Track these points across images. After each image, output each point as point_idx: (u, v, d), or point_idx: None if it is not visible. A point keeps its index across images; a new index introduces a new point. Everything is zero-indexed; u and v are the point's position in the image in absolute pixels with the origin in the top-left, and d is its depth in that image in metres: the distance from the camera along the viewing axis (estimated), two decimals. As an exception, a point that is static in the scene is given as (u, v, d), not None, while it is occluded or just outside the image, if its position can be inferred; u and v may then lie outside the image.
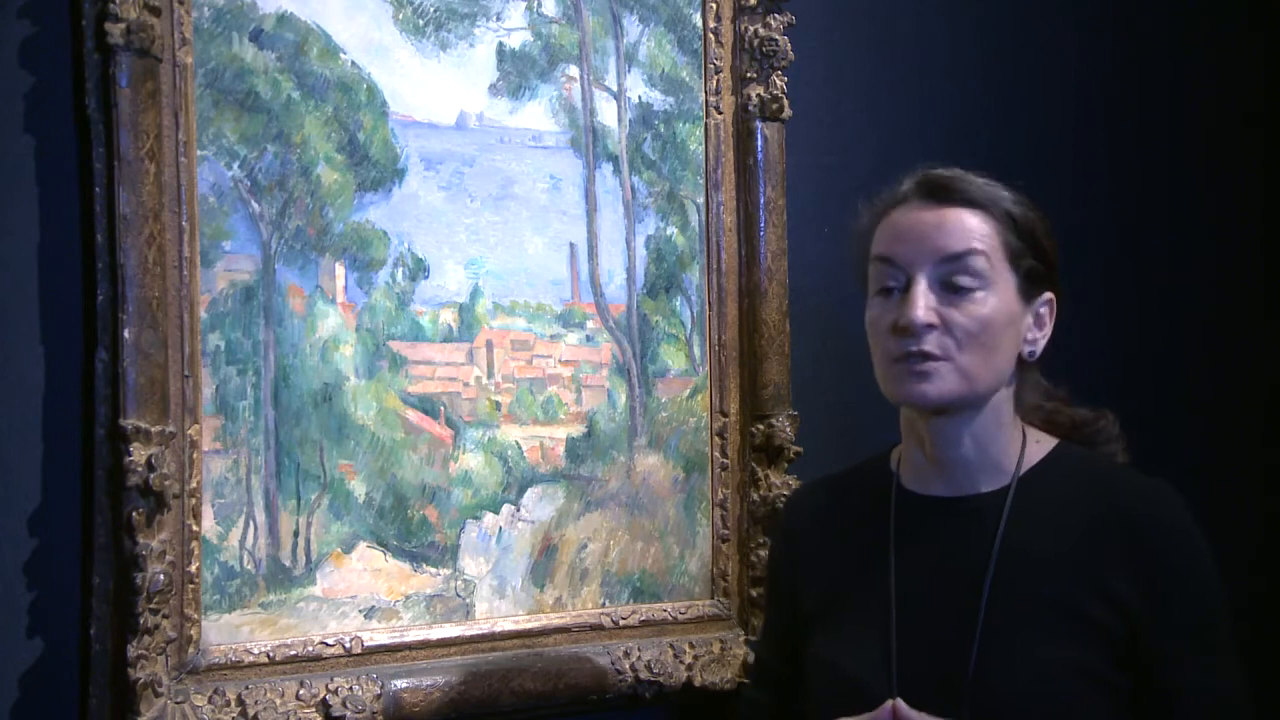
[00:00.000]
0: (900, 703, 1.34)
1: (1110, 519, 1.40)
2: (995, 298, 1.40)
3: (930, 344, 1.39)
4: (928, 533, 1.47)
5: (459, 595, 1.76)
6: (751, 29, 1.93)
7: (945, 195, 1.43)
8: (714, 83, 1.93)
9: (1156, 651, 1.36)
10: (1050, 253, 1.46)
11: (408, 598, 1.73)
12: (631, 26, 1.89)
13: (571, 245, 1.85)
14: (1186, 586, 1.38)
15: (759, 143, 1.92)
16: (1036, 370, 1.53)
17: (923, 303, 1.39)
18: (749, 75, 1.93)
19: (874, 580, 1.47)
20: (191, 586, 1.59)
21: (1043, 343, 1.47)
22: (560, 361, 1.83)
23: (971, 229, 1.41)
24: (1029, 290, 1.44)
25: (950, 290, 1.40)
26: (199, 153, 1.61)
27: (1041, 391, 1.55)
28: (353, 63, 1.71)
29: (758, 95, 1.92)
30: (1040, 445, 1.49)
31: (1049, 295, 1.47)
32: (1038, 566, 1.40)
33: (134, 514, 1.52)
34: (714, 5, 1.93)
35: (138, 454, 1.51)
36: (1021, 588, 1.40)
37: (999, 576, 1.41)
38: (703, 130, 1.93)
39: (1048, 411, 1.55)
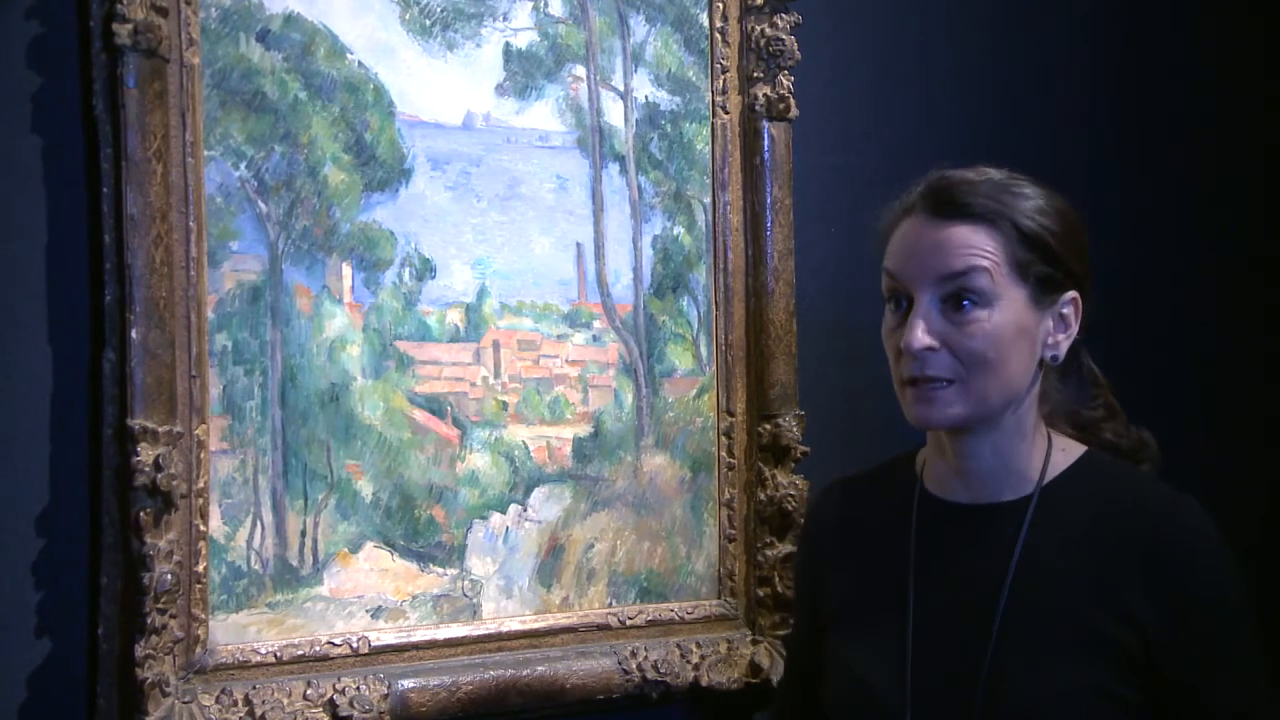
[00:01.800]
0: None
1: (1132, 536, 1.36)
2: (1001, 314, 1.36)
3: (935, 367, 1.37)
4: (948, 540, 1.46)
5: (466, 595, 1.76)
6: (758, 29, 1.93)
7: (949, 210, 1.39)
8: (720, 82, 1.93)
9: (1183, 674, 1.33)
10: (1069, 256, 1.41)
11: (415, 598, 1.73)
12: (638, 26, 1.89)
13: (578, 245, 1.85)
14: (1212, 608, 1.34)
15: (766, 142, 1.92)
16: (1062, 372, 1.50)
17: (922, 327, 1.36)
18: (756, 75, 1.93)
19: (893, 586, 1.46)
20: (199, 586, 1.59)
21: (1066, 344, 1.43)
22: (567, 361, 1.83)
23: (974, 246, 1.37)
24: (1044, 297, 1.40)
25: (954, 309, 1.37)
26: (206, 153, 1.62)
27: (1073, 394, 1.52)
28: (359, 63, 1.71)
29: (764, 95, 1.92)
30: (1066, 453, 1.46)
31: (1072, 295, 1.42)
32: (1055, 581, 1.37)
33: (141, 514, 1.52)
34: (720, 5, 1.93)
35: (145, 454, 1.52)
36: (1038, 603, 1.37)
37: (1015, 590, 1.38)
38: (709, 130, 1.93)
39: (1083, 421, 1.52)
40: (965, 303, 1.36)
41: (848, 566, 1.54)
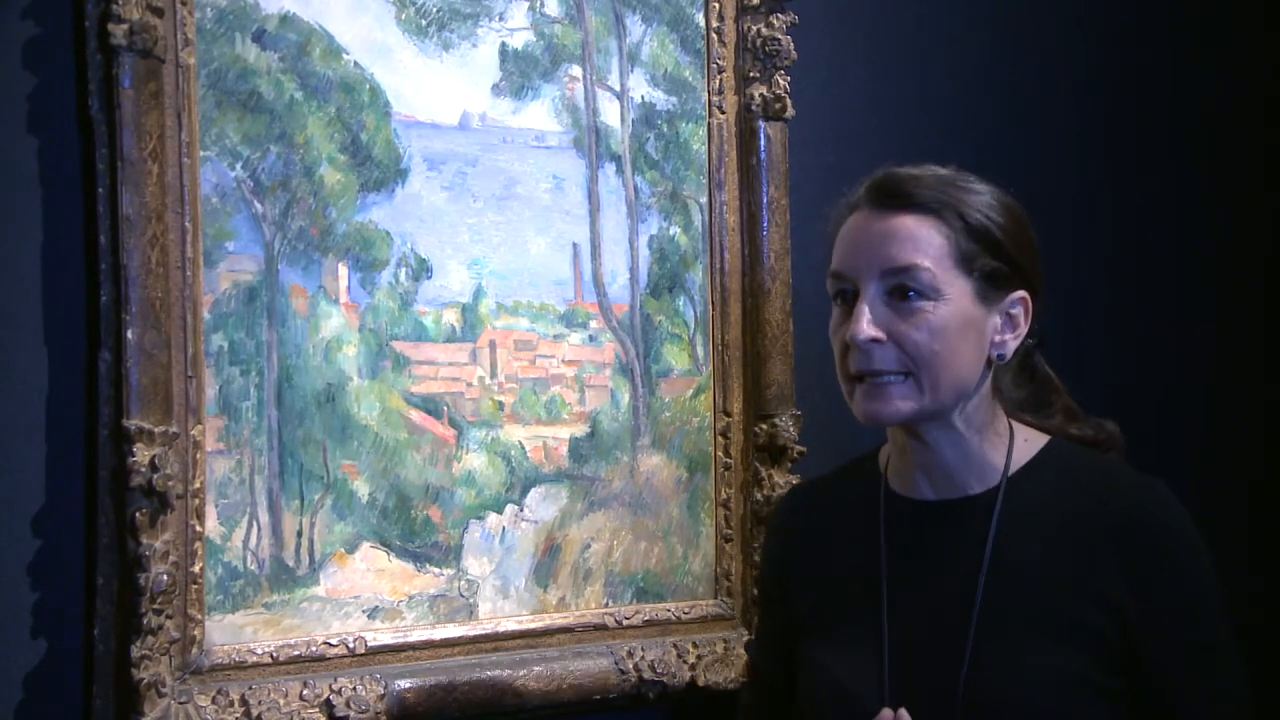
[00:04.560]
0: (904, 713, 1.33)
1: (1105, 521, 1.36)
2: (946, 306, 1.35)
3: (880, 361, 1.36)
4: (918, 538, 1.45)
5: (462, 595, 1.76)
6: (754, 28, 1.93)
7: (893, 202, 1.38)
8: (717, 82, 1.93)
9: (1155, 654, 1.34)
10: (1017, 252, 1.39)
11: (411, 598, 1.73)
12: (634, 26, 1.89)
13: (574, 245, 1.85)
14: (1184, 588, 1.35)
15: (762, 142, 1.92)
16: (1017, 374, 1.49)
17: (866, 318, 1.35)
18: (752, 75, 1.93)
19: (866, 587, 1.45)
20: (195, 587, 1.59)
21: (1014, 344, 1.41)
22: (563, 361, 1.83)
23: (917, 237, 1.36)
24: (990, 292, 1.38)
25: (899, 300, 1.36)
26: (202, 153, 1.61)
27: (1029, 398, 1.51)
28: (355, 63, 1.71)
29: (760, 95, 1.92)
30: (1030, 444, 1.46)
31: (1020, 294, 1.40)
32: (1031, 573, 1.37)
33: (137, 515, 1.52)
34: (717, 5, 1.93)
35: (141, 454, 1.51)
36: (1014, 595, 1.37)
37: (990, 584, 1.38)
38: (705, 130, 1.93)
39: (1041, 421, 1.51)
40: (910, 294, 1.35)
41: (817, 570, 1.53)
